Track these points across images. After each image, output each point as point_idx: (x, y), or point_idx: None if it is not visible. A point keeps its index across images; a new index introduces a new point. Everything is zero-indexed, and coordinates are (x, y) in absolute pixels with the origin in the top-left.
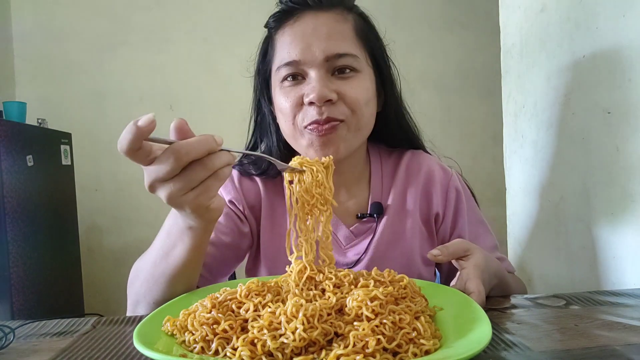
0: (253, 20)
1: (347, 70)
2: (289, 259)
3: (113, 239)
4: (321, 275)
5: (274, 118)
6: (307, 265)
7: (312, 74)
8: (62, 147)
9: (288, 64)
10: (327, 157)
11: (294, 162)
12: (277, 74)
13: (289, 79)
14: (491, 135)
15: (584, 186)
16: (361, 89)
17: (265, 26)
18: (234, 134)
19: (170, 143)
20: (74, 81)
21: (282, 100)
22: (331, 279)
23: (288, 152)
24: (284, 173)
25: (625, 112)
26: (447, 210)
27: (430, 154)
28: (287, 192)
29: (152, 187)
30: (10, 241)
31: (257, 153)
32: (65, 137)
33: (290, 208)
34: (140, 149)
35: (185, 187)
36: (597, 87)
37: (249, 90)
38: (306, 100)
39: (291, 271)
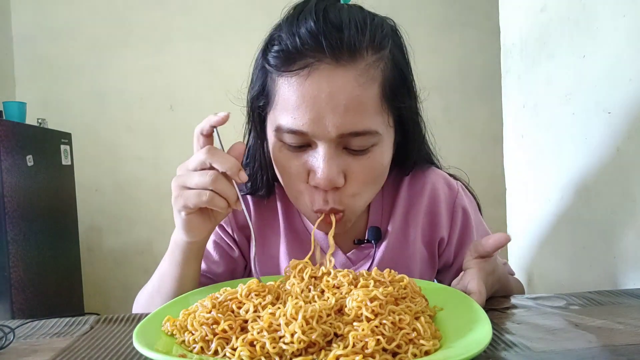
0: (254, 20)
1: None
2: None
3: (113, 239)
4: (322, 268)
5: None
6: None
7: (321, 149)
8: (62, 147)
9: (293, 132)
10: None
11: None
12: (279, 134)
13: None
14: (491, 136)
15: (584, 186)
16: (374, 167)
17: (264, 57)
18: (234, 134)
19: (222, 146)
20: (74, 81)
21: (282, 167)
22: (329, 273)
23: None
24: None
25: (625, 112)
26: (452, 233)
27: (439, 167)
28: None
29: (177, 178)
30: (10, 241)
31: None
32: (65, 137)
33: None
34: (209, 137)
35: (188, 181)
36: (597, 87)
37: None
38: (312, 181)
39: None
